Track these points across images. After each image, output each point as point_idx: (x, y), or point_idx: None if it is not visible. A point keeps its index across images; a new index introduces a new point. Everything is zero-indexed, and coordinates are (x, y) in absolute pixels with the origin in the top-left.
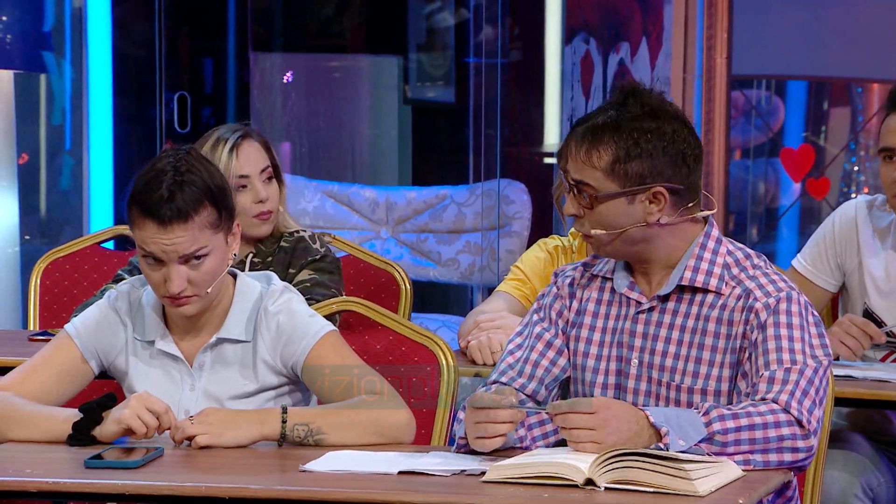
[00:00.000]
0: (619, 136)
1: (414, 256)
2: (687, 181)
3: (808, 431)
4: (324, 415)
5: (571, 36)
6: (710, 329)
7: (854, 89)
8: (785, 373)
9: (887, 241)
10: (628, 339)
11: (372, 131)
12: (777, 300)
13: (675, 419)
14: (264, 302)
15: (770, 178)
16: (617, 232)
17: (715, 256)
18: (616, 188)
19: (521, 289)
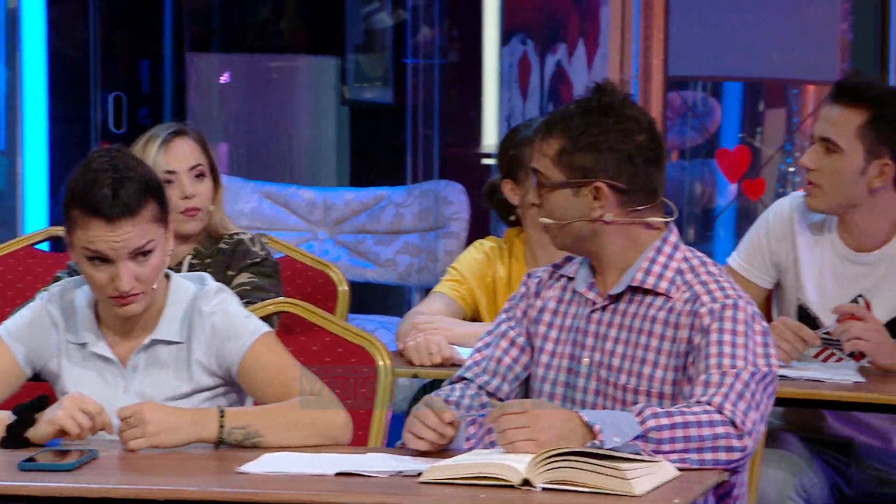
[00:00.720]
0: (569, 127)
1: (352, 257)
2: (633, 182)
3: (742, 432)
4: (261, 416)
5: (509, 37)
6: (656, 331)
7: (789, 91)
8: (721, 376)
9: (822, 237)
10: (581, 338)
11: (310, 132)
12: (722, 306)
13: (608, 418)
14: (199, 303)
15: (706, 179)
16: (563, 223)
17: (669, 261)
18: (562, 178)
19: (458, 289)
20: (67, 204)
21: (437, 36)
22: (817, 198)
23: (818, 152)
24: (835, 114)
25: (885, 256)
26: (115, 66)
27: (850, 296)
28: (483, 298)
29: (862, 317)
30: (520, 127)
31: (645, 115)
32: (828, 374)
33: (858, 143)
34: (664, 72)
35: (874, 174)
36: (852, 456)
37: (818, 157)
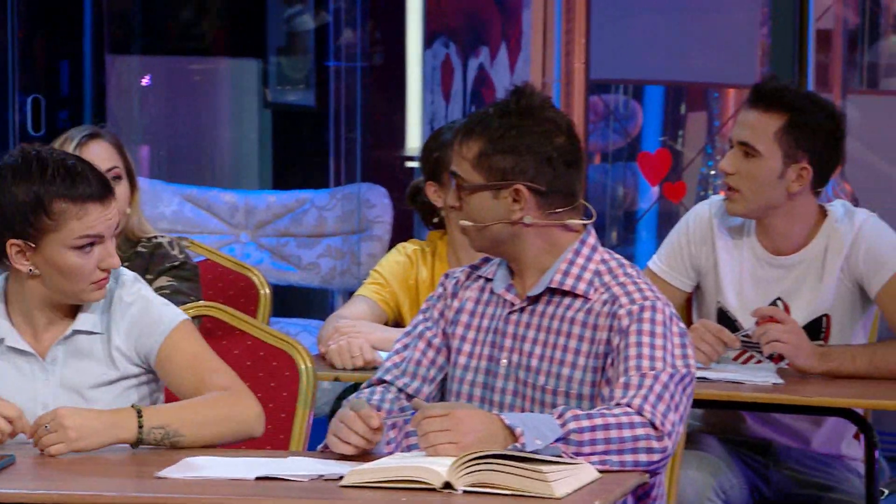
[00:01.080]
0: (488, 130)
1: (274, 261)
2: (552, 184)
3: (661, 433)
4: (179, 414)
5: (432, 40)
6: (574, 332)
7: (710, 94)
8: (640, 378)
9: (741, 241)
10: (499, 340)
11: (232, 135)
12: (641, 308)
13: (530, 421)
14: (118, 292)
15: (629, 182)
16: (482, 226)
17: (588, 263)
18: (481, 181)
19: (381, 293)
20: (47, 206)
21: (360, 39)
22: (737, 202)
23: (737, 157)
24: (753, 118)
25: (803, 259)
26: (34, 68)
27: (768, 298)
28: (406, 301)
29: (781, 319)
30: (443, 129)
31: (563, 118)
32: (747, 375)
33: (777, 147)
34: (586, 75)
35: (792, 178)
36: (771, 457)
37: (737, 162)
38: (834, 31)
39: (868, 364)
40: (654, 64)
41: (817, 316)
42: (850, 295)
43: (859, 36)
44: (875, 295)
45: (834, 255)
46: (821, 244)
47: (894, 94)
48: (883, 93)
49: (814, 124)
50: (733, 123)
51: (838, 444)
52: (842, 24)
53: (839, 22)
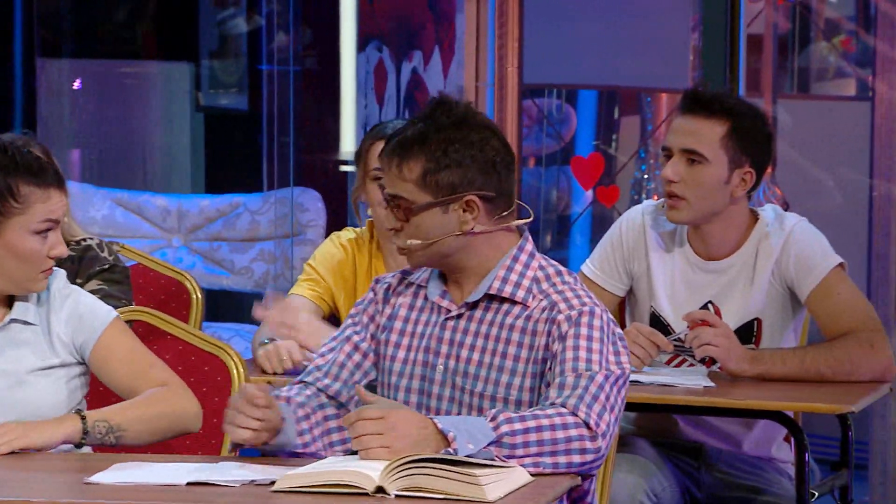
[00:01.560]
0: (428, 147)
1: (207, 265)
2: (499, 188)
3: (595, 434)
4: (121, 411)
5: (365, 44)
6: (513, 339)
7: (643, 98)
8: (575, 378)
9: (673, 246)
10: (435, 346)
11: (164, 138)
12: (579, 313)
13: (462, 424)
14: (54, 285)
15: (562, 186)
16: (431, 241)
17: (526, 269)
18: (429, 199)
19: (315, 288)
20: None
21: (293, 42)
22: (681, 210)
23: (680, 164)
24: (696, 125)
25: (734, 264)
26: None
27: (700, 303)
28: (342, 294)
29: (712, 323)
30: (378, 126)
31: (489, 120)
32: (679, 379)
33: (722, 153)
34: (519, 79)
35: (736, 183)
36: (702, 459)
37: (681, 169)
38: (765, 36)
39: (798, 367)
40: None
41: (748, 320)
42: (780, 299)
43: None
44: (805, 299)
45: (764, 259)
46: (751, 248)
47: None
48: (813, 97)
49: (754, 129)
50: (666, 127)
51: (769, 447)
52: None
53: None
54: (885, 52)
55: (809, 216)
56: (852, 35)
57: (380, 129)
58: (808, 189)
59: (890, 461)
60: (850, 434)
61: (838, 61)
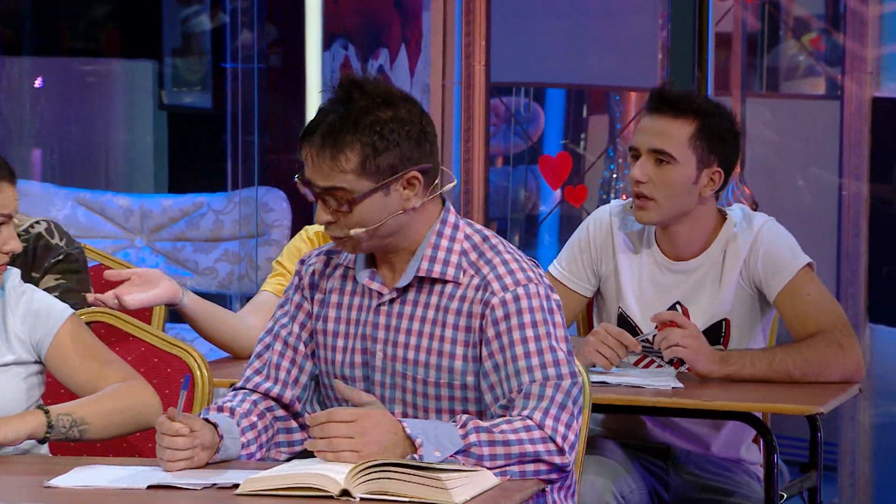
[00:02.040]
0: (361, 133)
1: (170, 265)
2: (432, 158)
3: (562, 448)
4: (84, 405)
5: (330, 42)
6: (449, 321)
7: (612, 97)
8: (540, 388)
9: (641, 245)
10: (371, 332)
11: (126, 137)
12: (515, 296)
13: (431, 431)
14: (9, 282)
15: (530, 186)
16: (375, 226)
17: (452, 244)
18: (371, 185)
19: (283, 283)
20: None
21: (258, 40)
22: (650, 210)
23: (648, 164)
24: (663, 125)
25: (701, 264)
26: None
27: (668, 303)
28: None
29: (681, 324)
30: None
31: (404, 91)
32: (647, 380)
33: (691, 152)
34: (486, 78)
35: (705, 183)
36: (671, 461)
37: (649, 170)
38: (733, 34)
39: (767, 368)
40: (556, 66)
41: (717, 320)
42: (749, 299)
43: (759, 39)
44: (774, 299)
45: (732, 259)
46: (719, 249)
47: (794, 97)
48: (783, 96)
49: (722, 128)
50: (635, 126)
51: (737, 449)
52: (741, 27)
53: (738, 25)
54: (854, 50)
55: (778, 216)
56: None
57: None
58: (776, 188)
59: (859, 463)
60: (819, 435)
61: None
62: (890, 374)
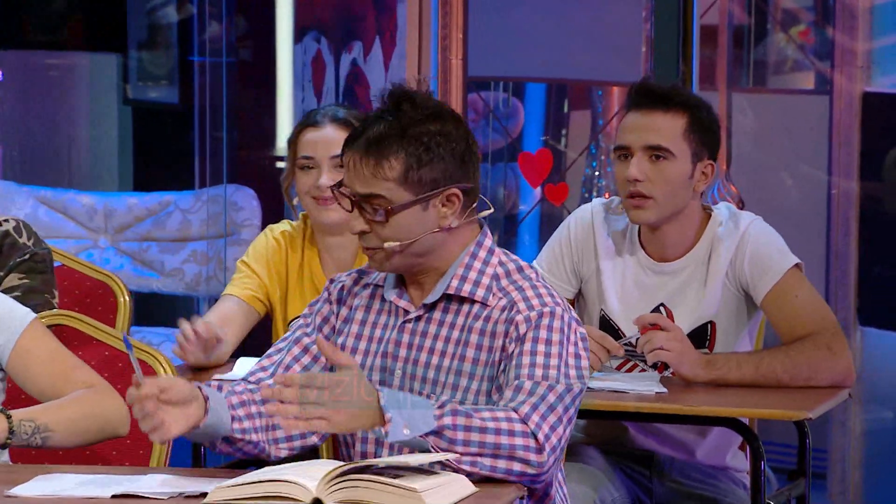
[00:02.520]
0: (408, 143)
1: (135, 266)
2: (474, 179)
3: (542, 447)
4: (47, 412)
5: (302, 34)
6: (472, 341)
7: (594, 92)
8: (534, 385)
9: (623, 246)
10: (393, 349)
11: (90, 133)
12: (539, 314)
13: (407, 406)
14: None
15: (510, 184)
16: (409, 242)
17: (485, 266)
18: (410, 197)
19: (249, 287)
20: None
21: (226, 32)
22: (649, 209)
23: (644, 162)
24: (656, 120)
25: (686, 265)
26: None
27: (651, 305)
28: (277, 289)
29: (665, 326)
30: (311, 112)
31: (453, 109)
32: (630, 384)
33: (686, 146)
34: (464, 72)
35: (698, 177)
36: (654, 469)
37: (645, 167)
38: (719, 27)
39: (754, 372)
40: (536, 60)
41: (702, 323)
42: (735, 301)
43: (746, 32)
44: (761, 301)
45: (718, 260)
46: (704, 249)
47: (782, 92)
48: (770, 91)
49: (709, 120)
50: (618, 124)
51: (723, 456)
52: (727, 20)
53: (724, 17)
54: (844, 43)
55: (765, 215)
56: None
57: (312, 115)
58: (764, 186)
59: (849, 469)
60: (808, 441)
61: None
62: (881, 378)
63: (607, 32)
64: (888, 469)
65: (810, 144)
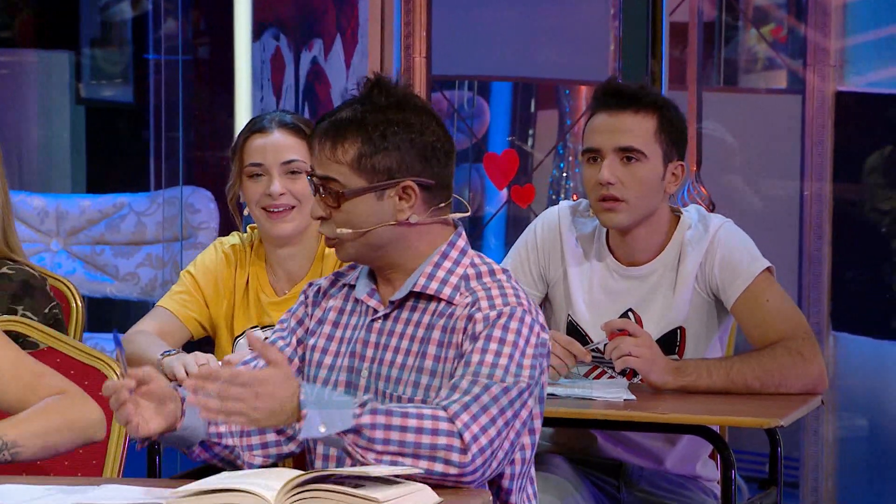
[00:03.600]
0: (365, 128)
1: (88, 270)
2: (437, 176)
3: (466, 446)
4: (15, 426)
5: (261, 32)
6: (435, 338)
7: (561, 91)
8: (470, 384)
9: (591, 249)
10: (361, 349)
11: (41, 133)
12: (499, 314)
13: (327, 402)
14: None
15: (475, 185)
16: (363, 231)
17: (455, 266)
18: (363, 183)
19: (186, 304)
20: None
21: (183, 29)
22: (621, 212)
23: (615, 164)
24: (626, 121)
25: (655, 269)
26: None
27: (620, 311)
28: (224, 305)
29: (633, 332)
30: (256, 118)
31: (429, 105)
32: (598, 392)
33: (657, 147)
34: (427, 70)
35: (669, 179)
36: (623, 478)
37: (617, 169)
38: (689, 25)
39: (725, 379)
40: (501, 58)
41: (671, 329)
42: (705, 306)
43: (716, 30)
44: (731, 306)
45: (687, 263)
46: (674, 252)
47: (753, 92)
48: (741, 90)
49: (678, 120)
50: (586, 126)
51: (693, 464)
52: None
53: (694, 15)
54: (817, 41)
55: (736, 217)
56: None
57: (257, 121)
58: (734, 188)
59: (822, 478)
60: (780, 450)
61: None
62: (854, 384)
63: (574, 30)
64: (862, 477)
65: (782, 145)
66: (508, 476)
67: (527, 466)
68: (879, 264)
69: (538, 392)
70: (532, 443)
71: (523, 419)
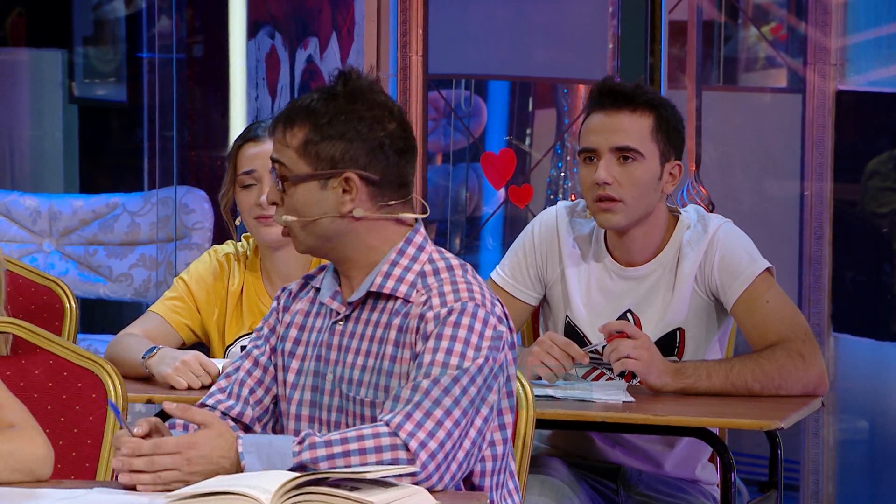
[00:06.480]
0: (314, 115)
1: (81, 271)
2: (385, 172)
3: (413, 456)
4: None
5: (256, 30)
6: (391, 338)
7: (559, 90)
8: (411, 392)
9: (589, 250)
10: (325, 352)
11: (33, 132)
12: (449, 311)
13: (266, 447)
14: None
15: (472, 185)
16: (308, 220)
17: (412, 263)
18: (308, 170)
19: (178, 311)
20: None
21: (177, 28)
22: (617, 213)
23: (612, 164)
24: (623, 121)
25: (653, 270)
26: None
27: (618, 312)
28: (215, 312)
29: (631, 334)
30: (251, 125)
31: (394, 103)
32: (596, 394)
33: (654, 147)
34: (424, 69)
35: (666, 179)
36: (621, 481)
37: (614, 169)
38: (688, 23)
39: (724, 380)
40: (499, 58)
41: (670, 330)
42: (704, 307)
43: (716, 29)
44: (731, 307)
45: (686, 264)
46: (672, 253)
47: (753, 91)
48: (741, 89)
49: (674, 119)
50: (582, 126)
51: (692, 467)
52: (697, 16)
53: (694, 13)
54: (817, 40)
55: (735, 217)
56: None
57: (252, 129)
58: (734, 188)
59: (822, 481)
60: (780, 452)
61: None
62: (855, 386)
63: (573, 29)
64: (862, 480)
65: (782, 145)
66: (479, 473)
67: (502, 462)
68: (880, 265)
69: (504, 385)
70: (504, 438)
71: (483, 414)
